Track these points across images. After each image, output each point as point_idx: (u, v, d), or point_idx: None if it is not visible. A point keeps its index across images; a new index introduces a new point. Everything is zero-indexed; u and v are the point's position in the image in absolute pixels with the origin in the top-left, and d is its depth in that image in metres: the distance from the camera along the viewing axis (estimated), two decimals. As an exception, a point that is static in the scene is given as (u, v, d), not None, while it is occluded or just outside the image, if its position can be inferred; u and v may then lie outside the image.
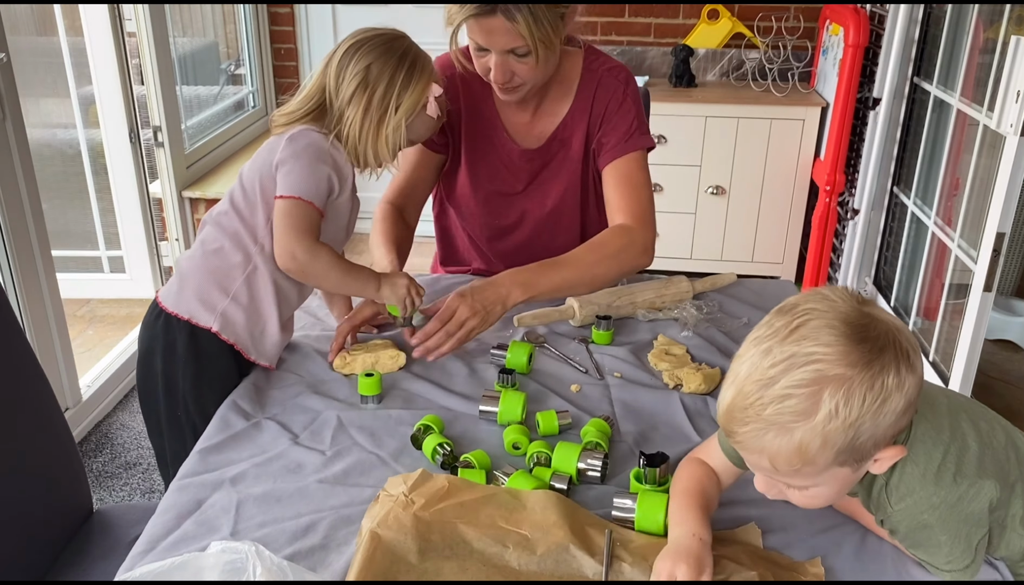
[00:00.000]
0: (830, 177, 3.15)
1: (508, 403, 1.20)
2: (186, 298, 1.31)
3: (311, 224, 1.26)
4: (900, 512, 0.90)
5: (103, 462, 2.35)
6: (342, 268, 1.30)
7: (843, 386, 0.78)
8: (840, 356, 0.79)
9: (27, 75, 2.71)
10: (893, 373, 0.79)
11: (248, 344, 1.33)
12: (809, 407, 0.79)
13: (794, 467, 0.82)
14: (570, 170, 1.59)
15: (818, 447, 0.80)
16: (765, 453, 0.82)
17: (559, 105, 1.56)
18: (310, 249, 1.25)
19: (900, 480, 0.89)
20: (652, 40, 3.66)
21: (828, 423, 0.78)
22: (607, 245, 1.47)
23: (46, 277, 2.27)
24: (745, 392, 0.82)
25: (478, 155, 1.60)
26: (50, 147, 3.12)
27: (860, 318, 0.81)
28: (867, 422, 0.79)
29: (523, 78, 1.43)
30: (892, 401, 0.79)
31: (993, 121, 2.18)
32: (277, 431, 1.20)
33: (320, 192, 1.27)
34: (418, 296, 1.35)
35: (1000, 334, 3.04)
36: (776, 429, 0.80)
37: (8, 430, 1.22)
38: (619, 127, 1.52)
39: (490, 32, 1.36)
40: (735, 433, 0.84)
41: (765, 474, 0.88)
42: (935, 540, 0.91)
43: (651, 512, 0.99)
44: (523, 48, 1.37)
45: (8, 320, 1.25)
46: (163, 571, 0.86)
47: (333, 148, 1.31)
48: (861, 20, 2.97)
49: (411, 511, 0.97)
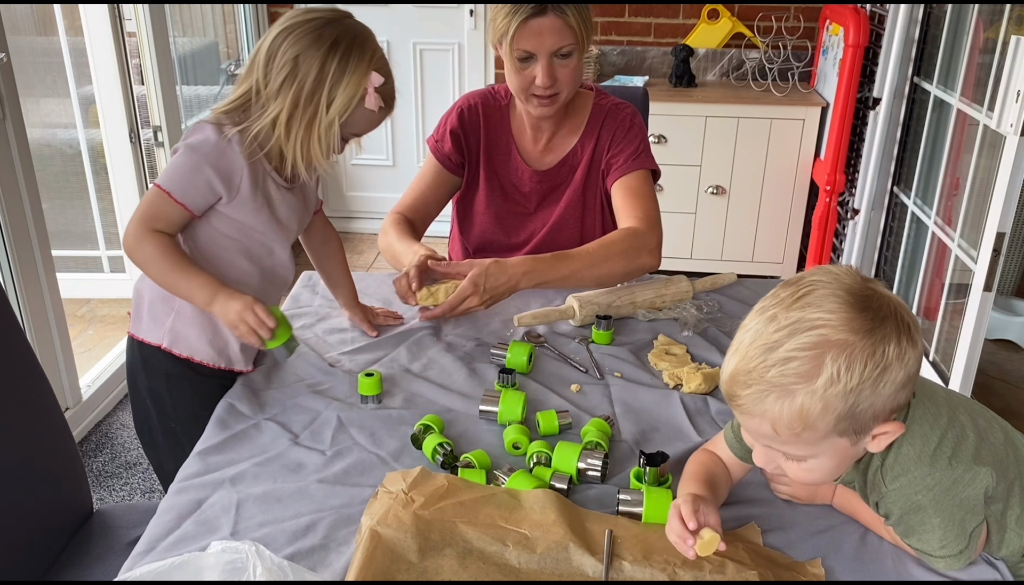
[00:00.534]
0: (830, 177, 3.15)
1: (508, 403, 1.20)
2: (141, 318, 1.32)
3: (158, 215, 1.21)
4: (894, 492, 0.91)
5: (103, 462, 2.35)
6: (169, 263, 1.21)
7: (845, 351, 0.80)
8: (843, 322, 0.81)
9: (27, 75, 2.71)
10: (894, 343, 0.81)
11: (209, 353, 1.30)
12: (811, 370, 0.80)
13: (795, 431, 0.83)
14: (573, 189, 1.70)
15: (819, 412, 0.81)
16: (767, 417, 0.83)
17: (570, 137, 1.69)
18: (137, 235, 1.21)
19: (896, 460, 0.90)
20: (652, 40, 3.66)
21: (829, 387, 0.80)
22: (616, 243, 1.54)
23: (46, 277, 2.27)
24: (749, 356, 0.84)
25: (495, 178, 1.72)
26: (50, 147, 3.12)
27: (863, 290, 0.84)
28: (867, 390, 0.81)
29: (564, 83, 1.53)
30: (892, 371, 0.81)
31: (993, 121, 2.18)
32: (277, 431, 1.20)
33: (191, 193, 1.21)
34: (260, 327, 1.21)
35: (1000, 334, 3.05)
36: (778, 392, 0.82)
37: (8, 430, 1.22)
38: (626, 149, 1.64)
39: (540, 33, 1.46)
40: (737, 397, 0.85)
41: (765, 443, 0.89)
42: (928, 523, 0.91)
43: (659, 505, 1.00)
44: (568, 47, 1.49)
45: (8, 320, 1.25)
46: (163, 571, 0.86)
47: (229, 148, 1.21)
48: (861, 20, 2.97)
49: (411, 509, 0.97)
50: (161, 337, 1.29)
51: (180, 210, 1.22)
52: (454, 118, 1.70)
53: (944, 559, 0.93)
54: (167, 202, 1.21)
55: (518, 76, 1.53)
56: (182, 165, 1.21)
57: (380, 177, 4.09)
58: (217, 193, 1.23)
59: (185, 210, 1.22)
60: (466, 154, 1.71)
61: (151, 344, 1.31)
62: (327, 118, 1.20)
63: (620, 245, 1.53)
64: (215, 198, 1.24)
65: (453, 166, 1.71)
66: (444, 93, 3.83)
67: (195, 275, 1.23)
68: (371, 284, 1.67)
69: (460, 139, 1.69)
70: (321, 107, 1.19)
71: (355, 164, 4.10)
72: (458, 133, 1.69)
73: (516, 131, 1.70)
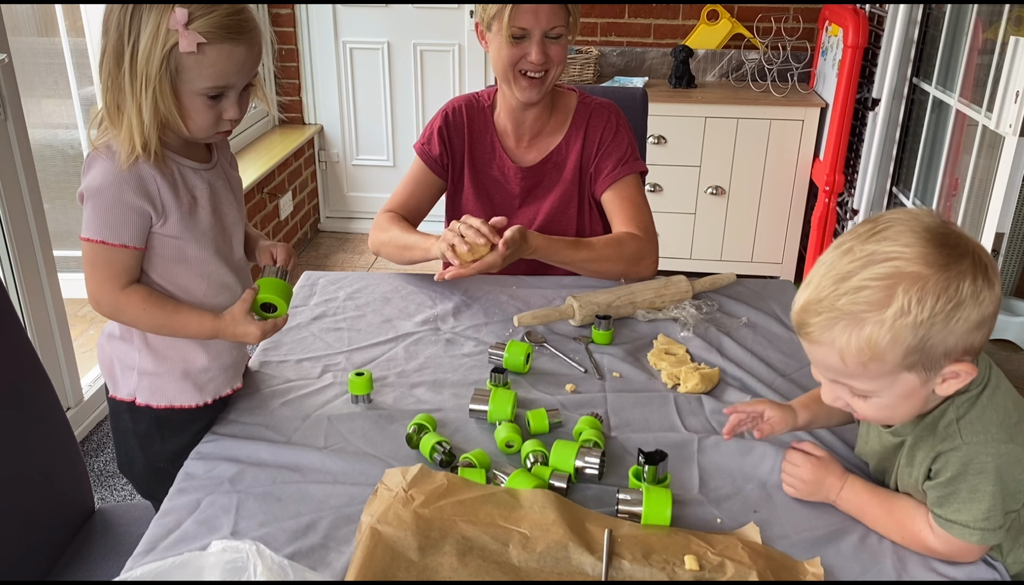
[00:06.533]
0: (829, 177, 3.15)
1: (498, 401, 1.20)
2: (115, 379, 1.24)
3: (111, 270, 1.12)
4: (967, 447, 0.90)
5: (104, 461, 2.36)
6: (155, 314, 1.15)
7: (918, 283, 0.81)
8: (919, 256, 0.82)
9: (28, 76, 2.71)
10: (969, 281, 0.82)
11: (190, 395, 1.22)
12: (882, 299, 0.82)
13: (861, 361, 0.84)
14: (561, 190, 1.73)
15: (887, 343, 0.82)
16: (835, 346, 0.85)
17: (554, 136, 1.73)
18: (110, 304, 1.14)
19: (979, 417, 0.91)
20: (652, 41, 3.67)
21: (899, 318, 0.81)
22: (626, 246, 1.61)
23: (48, 277, 2.27)
24: (821, 287, 0.86)
25: (480, 177, 1.76)
26: (52, 147, 3.12)
27: (942, 228, 0.85)
28: (938, 324, 0.81)
29: (553, 62, 1.58)
30: (965, 309, 0.82)
31: (992, 121, 2.18)
32: (273, 434, 1.20)
33: (123, 229, 1.11)
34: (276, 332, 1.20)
35: (1000, 334, 3.05)
36: (847, 319, 0.83)
37: (9, 429, 1.22)
38: (613, 154, 1.68)
39: (536, 11, 1.53)
40: (807, 325, 0.87)
41: (832, 377, 0.90)
42: (980, 491, 0.90)
43: (658, 504, 1.00)
44: (560, 28, 1.56)
45: (10, 319, 1.25)
46: (163, 570, 0.86)
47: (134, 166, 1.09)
48: (860, 21, 2.97)
49: (411, 507, 0.98)
50: (138, 393, 1.22)
51: (125, 252, 1.12)
52: (440, 121, 1.74)
53: (981, 532, 0.92)
54: (109, 251, 1.12)
55: (509, 52, 1.57)
56: (97, 207, 1.10)
57: (380, 177, 4.09)
58: (146, 213, 1.12)
59: (129, 249, 1.12)
60: (451, 154, 1.75)
61: (130, 401, 1.24)
62: (147, 73, 1.03)
63: (628, 248, 1.61)
64: (147, 220, 1.13)
65: (439, 168, 1.75)
66: (444, 94, 3.83)
67: (187, 318, 1.17)
68: (371, 283, 1.67)
69: (446, 140, 1.73)
70: (138, 64, 1.03)
71: (355, 164, 4.11)
72: (444, 134, 1.73)
73: (500, 131, 1.74)
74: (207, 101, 1.08)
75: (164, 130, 1.11)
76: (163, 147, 1.12)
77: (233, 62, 1.07)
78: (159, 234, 1.15)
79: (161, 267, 1.18)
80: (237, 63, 1.07)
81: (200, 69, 1.05)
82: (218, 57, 1.05)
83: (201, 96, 1.08)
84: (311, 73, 3.95)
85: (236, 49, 1.06)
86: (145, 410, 1.24)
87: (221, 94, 1.09)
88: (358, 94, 3.96)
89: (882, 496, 1.02)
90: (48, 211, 2.29)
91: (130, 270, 1.14)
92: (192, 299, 1.19)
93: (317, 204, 4.19)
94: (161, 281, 1.18)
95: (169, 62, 1.04)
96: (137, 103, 1.05)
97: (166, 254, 1.17)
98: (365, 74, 3.91)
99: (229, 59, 1.06)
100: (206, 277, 1.20)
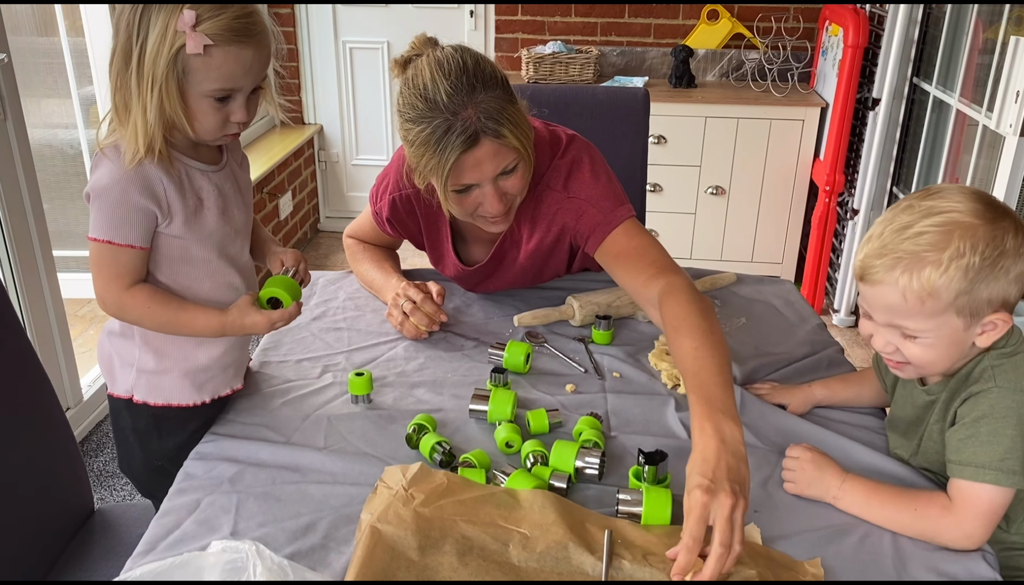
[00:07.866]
0: (830, 177, 3.15)
1: (498, 402, 1.20)
2: (114, 376, 1.25)
3: (116, 269, 1.12)
4: (997, 391, 0.99)
5: (104, 461, 2.35)
6: (161, 312, 1.15)
7: (970, 231, 0.95)
8: (971, 210, 0.96)
9: (28, 75, 2.71)
10: (1012, 235, 0.96)
11: (189, 394, 1.22)
12: (940, 241, 0.95)
13: (920, 298, 0.96)
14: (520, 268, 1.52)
15: (944, 282, 0.94)
16: (898, 284, 0.96)
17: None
18: (115, 302, 1.14)
19: (1013, 369, 1.00)
20: (652, 41, 3.67)
21: (955, 259, 0.94)
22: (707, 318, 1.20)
23: (47, 277, 2.27)
24: (884, 237, 0.99)
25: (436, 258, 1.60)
26: (51, 147, 3.12)
27: (986, 195, 0.99)
28: (985, 271, 0.94)
29: (513, 194, 1.32)
30: (1008, 258, 0.95)
31: (992, 121, 2.18)
32: (273, 434, 1.20)
33: (129, 230, 1.11)
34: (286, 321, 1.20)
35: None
36: (909, 259, 0.96)
37: (9, 430, 1.22)
38: (586, 217, 1.38)
39: (478, 163, 1.23)
40: (871, 267, 0.98)
41: (887, 320, 1.01)
42: (1002, 433, 0.98)
43: (658, 504, 1.00)
44: (512, 162, 1.26)
45: (9, 319, 1.25)
46: (163, 570, 0.86)
47: (140, 167, 1.09)
48: (860, 20, 2.97)
49: (411, 507, 0.98)
50: (135, 390, 1.23)
51: (131, 252, 1.12)
52: (386, 208, 1.51)
53: (996, 471, 0.97)
54: (115, 251, 1.11)
55: (460, 206, 1.31)
56: (103, 207, 1.10)
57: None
58: (152, 213, 1.12)
59: (135, 249, 1.12)
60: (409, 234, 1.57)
61: (127, 398, 1.25)
62: (153, 77, 1.03)
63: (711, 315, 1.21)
64: (153, 220, 1.13)
65: (391, 235, 1.59)
66: (444, 93, 3.83)
67: (193, 315, 1.17)
68: (371, 284, 1.67)
69: (397, 228, 1.55)
70: (145, 65, 1.03)
71: (355, 164, 4.11)
72: (394, 223, 1.54)
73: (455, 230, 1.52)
74: (214, 103, 1.08)
75: (172, 131, 1.11)
76: (171, 148, 1.12)
77: (240, 65, 1.06)
78: (164, 234, 1.15)
79: (167, 267, 1.18)
80: (244, 66, 1.07)
81: (207, 71, 1.05)
82: (225, 59, 1.04)
83: (208, 98, 1.07)
84: (311, 73, 3.95)
85: (243, 52, 1.06)
86: (142, 407, 1.24)
87: (228, 96, 1.09)
88: (358, 94, 3.96)
89: (888, 484, 1.06)
90: (48, 211, 2.28)
91: (135, 270, 1.15)
92: (197, 300, 1.20)
93: (317, 204, 4.19)
94: (167, 281, 1.18)
95: (176, 63, 1.03)
96: (143, 103, 1.05)
97: (171, 255, 1.17)
98: (365, 74, 3.91)
99: (236, 62, 1.06)
100: (211, 278, 1.20)
